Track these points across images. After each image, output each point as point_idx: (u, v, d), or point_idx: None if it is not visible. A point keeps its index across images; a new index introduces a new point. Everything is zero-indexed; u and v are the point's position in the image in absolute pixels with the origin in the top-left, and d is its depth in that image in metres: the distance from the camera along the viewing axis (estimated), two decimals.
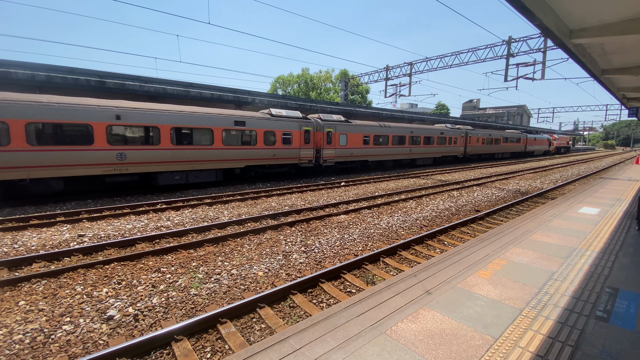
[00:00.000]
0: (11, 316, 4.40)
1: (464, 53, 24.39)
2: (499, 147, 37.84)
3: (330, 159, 19.19)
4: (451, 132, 29.14)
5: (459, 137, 30.47)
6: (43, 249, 6.90)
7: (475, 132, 32.80)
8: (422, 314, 3.62)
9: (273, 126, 16.50)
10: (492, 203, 12.45)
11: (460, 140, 30.55)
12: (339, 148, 19.53)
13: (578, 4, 5.64)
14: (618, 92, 14.17)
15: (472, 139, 32.32)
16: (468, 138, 31.74)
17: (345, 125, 19.93)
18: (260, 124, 15.90)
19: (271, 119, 16.62)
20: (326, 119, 19.13)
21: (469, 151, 32.24)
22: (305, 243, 7.47)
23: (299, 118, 17.89)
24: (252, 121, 15.64)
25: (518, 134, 42.23)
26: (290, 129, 17.16)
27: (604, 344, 3.11)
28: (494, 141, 36.53)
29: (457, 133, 29.95)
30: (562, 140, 61.04)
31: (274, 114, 17.01)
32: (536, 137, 47.95)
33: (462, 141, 31.04)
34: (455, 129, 29.96)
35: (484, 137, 34.34)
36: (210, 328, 4.22)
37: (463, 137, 30.99)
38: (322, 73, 52.48)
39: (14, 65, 13.58)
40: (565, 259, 5.34)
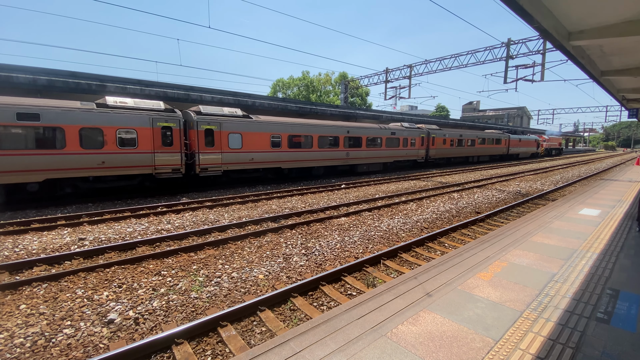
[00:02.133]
0: (12, 320, 4.40)
1: (463, 55, 24.47)
2: (473, 150, 33.23)
3: (214, 167, 14.36)
4: (407, 131, 24.38)
5: (418, 137, 25.63)
6: (44, 253, 6.91)
7: (440, 132, 28.12)
8: (422, 316, 3.61)
9: (101, 121, 11.61)
10: (492, 205, 12.44)
11: (419, 141, 25.77)
12: (229, 152, 14.76)
13: (576, 6, 5.67)
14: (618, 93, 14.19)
15: (436, 140, 27.58)
16: (431, 139, 27.07)
17: (239, 121, 15.16)
18: (75, 117, 11.16)
19: (95, 111, 11.60)
20: (207, 113, 14.32)
21: (433, 154, 27.59)
22: (306, 245, 7.47)
23: (153, 110, 12.95)
24: (56, 114, 10.86)
25: (498, 134, 37.94)
26: (134, 125, 12.28)
27: (604, 346, 3.11)
28: (467, 142, 31.88)
29: (414, 133, 25.17)
30: (553, 141, 56.44)
31: (110, 103, 12.14)
32: (521, 138, 43.03)
33: (423, 142, 26.26)
34: (413, 129, 25.36)
35: (452, 137, 29.62)
36: (211, 331, 4.21)
37: (424, 137, 26.25)
38: (321, 76, 52.69)
39: (15, 70, 13.67)
40: (566, 260, 5.33)
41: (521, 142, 42.83)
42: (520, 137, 42.93)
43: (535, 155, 48.65)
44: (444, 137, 28.70)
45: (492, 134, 36.50)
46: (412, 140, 25.04)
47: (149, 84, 17.58)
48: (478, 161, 35.77)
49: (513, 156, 42.38)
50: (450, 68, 25.39)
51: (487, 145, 35.59)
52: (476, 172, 25.21)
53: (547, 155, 53.50)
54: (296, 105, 24.47)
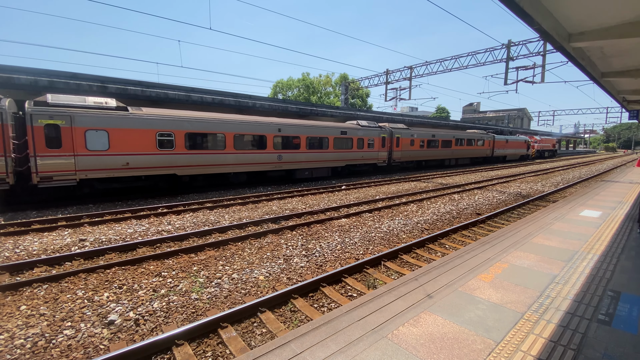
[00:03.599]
0: (12, 321, 4.40)
1: (463, 57, 24.52)
2: (448, 152, 29.45)
3: (63, 175, 11.02)
4: (363, 131, 20.82)
5: (378, 138, 21.89)
6: (44, 254, 6.91)
7: (406, 132, 24.54)
8: (423, 317, 3.61)
9: None
10: (493, 206, 12.43)
11: (379, 142, 22.07)
12: (88, 155, 11.40)
13: (576, 8, 5.68)
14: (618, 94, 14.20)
15: (402, 141, 23.99)
16: (394, 140, 23.44)
17: (104, 115, 11.68)
18: None
19: None
20: (55, 103, 10.98)
21: (398, 157, 23.99)
22: (307, 247, 7.46)
23: None
24: None
25: (481, 134, 34.33)
26: None
27: (606, 348, 3.10)
28: (441, 144, 28.17)
29: (373, 133, 21.48)
30: (546, 143, 52.51)
31: None
32: (508, 139, 39.25)
33: (384, 143, 22.55)
34: (371, 128, 21.66)
35: (422, 137, 25.93)
36: (212, 332, 4.21)
37: (385, 138, 22.57)
38: (322, 77, 52.74)
39: (16, 71, 13.70)
40: (567, 262, 5.33)
41: (508, 143, 39.23)
42: (507, 138, 39.39)
43: (525, 158, 44.77)
44: (412, 138, 24.95)
45: (473, 134, 32.98)
46: (369, 140, 21.31)
47: (150, 85, 17.61)
48: (456, 164, 31.73)
49: (499, 159, 38.89)
50: (450, 69, 25.44)
51: (467, 147, 31.87)
52: (476, 173, 25.20)
53: (539, 158, 49.79)
54: (296, 107, 24.48)
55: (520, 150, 42.21)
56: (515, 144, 40.78)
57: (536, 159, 47.92)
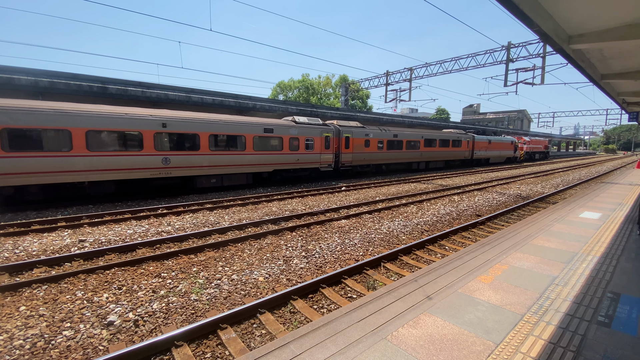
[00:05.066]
0: (12, 321, 4.39)
1: (463, 58, 24.57)
2: (416, 154, 25.86)
3: None
4: (296, 129, 17.24)
5: (319, 138, 18.25)
6: (44, 254, 6.91)
7: (360, 131, 20.93)
8: (423, 319, 3.60)
9: None
10: (493, 208, 12.43)
11: (321, 142, 18.34)
12: None
13: (576, 10, 5.69)
14: (618, 96, 14.20)
15: (353, 142, 20.44)
16: (343, 140, 19.88)
17: None
18: None
19: None
20: None
21: (348, 160, 20.36)
22: (306, 248, 7.46)
23: None
24: None
25: (457, 134, 30.92)
26: None
27: (605, 350, 3.09)
28: (406, 145, 24.54)
29: (312, 131, 17.93)
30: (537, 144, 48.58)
31: None
32: (491, 140, 35.76)
33: (329, 144, 18.86)
34: (311, 126, 18.03)
35: (381, 137, 22.36)
36: (211, 334, 4.21)
37: (330, 137, 18.89)
38: (321, 79, 52.80)
39: (17, 72, 13.72)
40: (567, 263, 5.32)
41: (491, 144, 35.81)
42: (490, 139, 35.90)
43: (511, 160, 41.41)
44: (367, 138, 21.27)
45: (448, 134, 29.56)
46: (307, 140, 17.68)
47: (150, 85, 17.64)
48: (427, 168, 28.35)
49: (480, 162, 35.64)
50: (450, 71, 25.49)
51: (440, 148, 28.27)
52: (476, 174, 25.20)
53: (529, 160, 46.11)
54: (297, 108, 24.52)
55: (506, 152, 39.15)
56: (500, 145, 37.63)
57: (525, 161, 44.91)
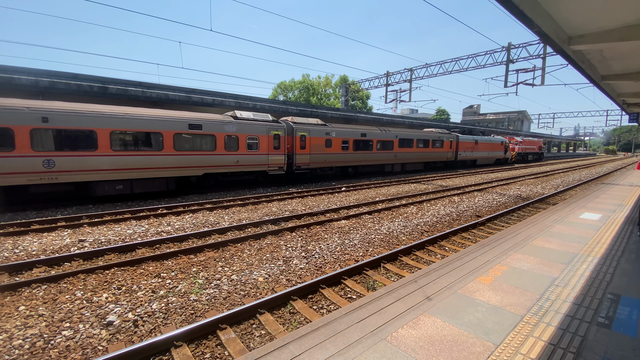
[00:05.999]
0: (11, 321, 4.39)
1: (463, 59, 24.57)
2: (389, 155, 23.15)
3: None
4: (234, 125, 14.80)
5: (266, 136, 15.79)
6: (44, 254, 6.91)
7: (319, 129, 18.32)
8: (422, 320, 3.60)
9: None
10: (493, 208, 12.42)
11: (268, 142, 15.89)
12: None
13: (576, 11, 5.69)
14: (618, 97, 14.21)
15: (311, 141, 17.97)
16: (297, 139, 17.32)
17: None
18: None
19: None
20: None
21: (305, 162, 17.89)
22: (306, 248, 7.45)
23: None
24: None
25: (439, 133, 28.29)
26: None
27: (605, 351, 3.09)
28: (377, 145, 22.01)
29: (256, 129, 15.46)
30: (530, 145, 45.79)
31: None
32: (477, 140, 32.91)
33: (280, 144, 16.33)
34: (256, 122, 15.59)
35: (346, 137, 19.80)
36: (210, 334, 4.20)
37: (280, 136, 16.35)
38: (321, 79, 52.85)
39: (17, 72, 13.73)
40: (567, 264, 5.32)
41: (478, 144, 33.08)
42: (477, 139, 33.11)
43: (502, 161, 39.00)
44: (329, 137, 18.84)
45: (427, 134, 26.89)
46: (250, 139, 15.33)
47: (150, 85, 17.65)
48: (402, 171, 25.55)
49: (466, 163, 33.05)
50: (450, 72, 25.50)
51: (418, 149, 25.76)
52: (476, 175, 25.19)
53: (521, 162, 43.61)
54: (297, 108, 24.53)
55: (496, 152, 36.73)
56: (488, 145, 35.16)
57: (518, 162, 42.53)
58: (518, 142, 42.34)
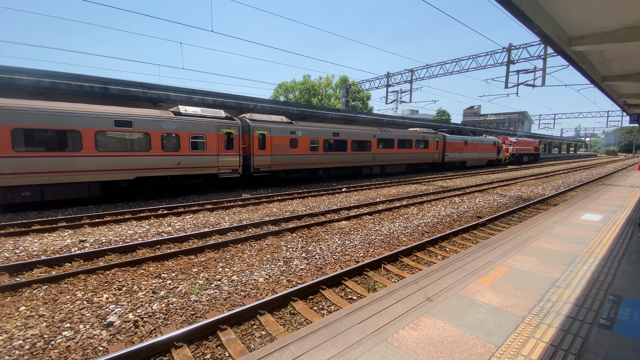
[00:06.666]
0: (11, 322, 4.39)
1: (464, 60, 24.57)
2: (367, 157, 21.55)
3: None
4: (173, 122, 13.03)
5: (214, 135, 14.06)
6: (44, 255, 6.91)
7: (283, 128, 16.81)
8: (423, 321, 3.59)
9: None
10: (493, 209, 12.41)
11: (217, 141, 14.23)
12: None
13: (577, 12, 5.69)
14: (619, 98, 14.20)
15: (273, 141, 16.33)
16: (254, 138, 15.60)
17: None
18: None
19: None
20: None
21: (266, 164, 16.37)
22: (306, 249, 7.45)
23: None
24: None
25: (424, 133, 26.60)
26: None
27: (607, 352, 3.08)
28: (352, 145, 20.37)
29: (202, 126, 13.75)
30: (525, 145, 44.04)
31: None
32: (467, 140, 31.31)
33: (231, 144, 14.62)
34: (202, 118, 13.88)
35: (315, 136, 18.19)
36: (211, 335, 4.20)
37: (233, 135, 14.64)
38: (322, 80, 52.91)
39: (18, 72, 13.75)
40: (568, 266, 5.31)
41: (468, 145, 31.34)
42: (466, 139, 31.35)
43: (494, 163, 37.33)
44: (294, 136, 17.21)
45: (410, 134, 25.25)
46: (195, 138, 13.59)
47: (151, 86, 17.67)
48: (382, 173, 23.73)
49: (454, 165, 31.15)
50: (451, 72, 25.49)
51: (400, 150, 24.07)
52: (477, 176, 25.16)
53: (515, 163, 41.80)
54: (297, 109, 24.53)
55: (487, 153, 35.04)
56: (479, 146, 33.38)
57: (512, 164, 41.01)
58: (512, 142, 40.95)
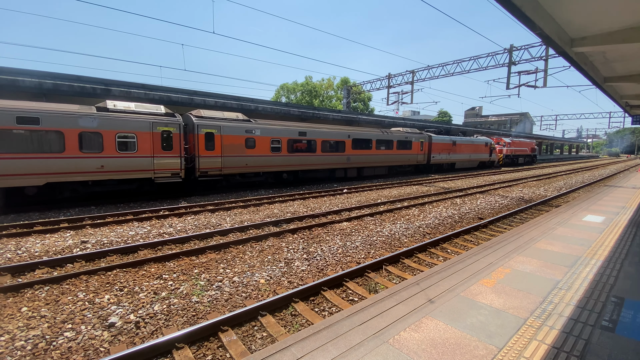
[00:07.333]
0: (13, 322, 4.40)
1: (465, 61, 24.54)
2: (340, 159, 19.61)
3: None
4: (97, 119, 11.30)
5: (146, 133, 12.24)
6: (46, 255, 6.93)
7: (235, 126, 14.83)
8: (425, 322, 3.58)
9: None
10: (495, 211, 12.37)
11: (150, 140, 12.36)
12: None
13: (578, 13, 5.69)
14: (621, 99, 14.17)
15: (223, 140, 14.38)
16: (200, 137, 13.74)
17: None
18: None
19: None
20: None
21: (215, 166, 14.25)
22: (308, 250, 7.45)
23: None
24: None
25: (407, 133, 24.73)
26: None
27: (609, 355, 3.06)
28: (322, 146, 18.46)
29: (131, 124, 11.97)
30: (521, 146, 42.26)
31: None
32: (456, 141, 29.49)
33: (170, 144, 12.78)
34: (128, 115, 11.99)
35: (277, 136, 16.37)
36: (212, 336, 4.20)
37: (172, 133, 12.77)
38: (324, 81, 53.00)
39: (21, 73, 13.82)
40: (570, 267, 5.29)
41: (456, 146, 29.55)
42: (455, 139, 29.53)
43: (486, 164, 35.39)
44: (250, 135, 15.28)
45: (391, 134, 23.24)
46: (123, 137, 11.81)
47: (153, 88, 17.73)
48: (359, 176, 21.75)
49: (442, 167, 29.22)
50: (452, 74, 25.45)
51: (377, 151, 21.96)
52: (479, 177, 25.12)
53: (510, 165, 40.13)
54: (299, 110, 24.55)
55: (478, 155, 33.17)
56: (469, 147, 31.61)
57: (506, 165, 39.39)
58: (506, 143, 39.20)
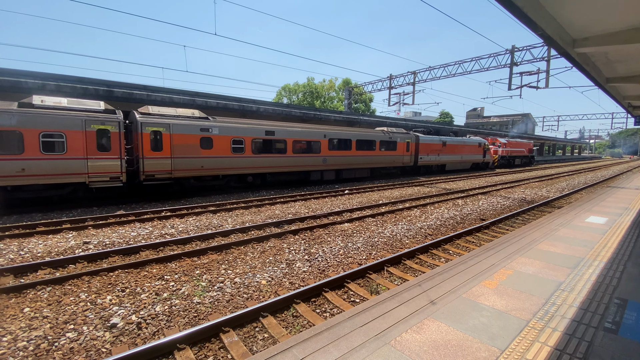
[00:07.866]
0: (16, 323, 4.42)
1: (467, 62, 24.52)
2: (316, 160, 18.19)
3: None
4: (15, 116, 10.01)
5: (80, 132, 10.98)
6: (49, 256, 6.95)
7: (188, 125, 13.37)
8: (426, 324, 3.57)
9: None
10: (497, 212, 12.34)
11: (86, 140, 11.12)
12: None
13: (580, 14, 5.68)
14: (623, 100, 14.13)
15: (173, 140, 12.94)
16: (145, 136, 12.29)
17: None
18: None
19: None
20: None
21: (164, 169, 12.84)
22: (309, 251, 7.44)
23: None
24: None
25: (391, 133, 23.19)
26: None
27: (612, 357, 3.04)
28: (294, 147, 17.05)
29: (59, 121, 10.63)
30: (518, 147, 40.68)
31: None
32: (446, 141, 27.91)
33: (105, 145, 11.51)
34: (57, 112, 10.68)
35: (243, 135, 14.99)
36: (213, 337, 4.20)
37: (107, 133, 11.49)
38: (325, 82, 53.08)
39: (24, 75, 13.91)
40: (573, 269, 5.26)
41: (447, 146, 27.97)
42: (445, 140, 27.97)
43: (480, 166, 33.80)
44: (206, 134, 13.84)
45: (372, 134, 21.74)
46: (48, 137, 10.57)
47: (155, 89, 17.80)
48: (337, 179, 20.21)
49: (431, 169, 27.77)
50: (454, 75, 25.43)
51: (358, 152, 20.50)
52: (480, 178, 25.06)
53: (506, 167, 38.53)
54: (300, 111, 24.58)
55: (472, 156, 31.66)
56: (461, 147, 30.10)
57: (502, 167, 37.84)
58: (502, 143, 37.69)
